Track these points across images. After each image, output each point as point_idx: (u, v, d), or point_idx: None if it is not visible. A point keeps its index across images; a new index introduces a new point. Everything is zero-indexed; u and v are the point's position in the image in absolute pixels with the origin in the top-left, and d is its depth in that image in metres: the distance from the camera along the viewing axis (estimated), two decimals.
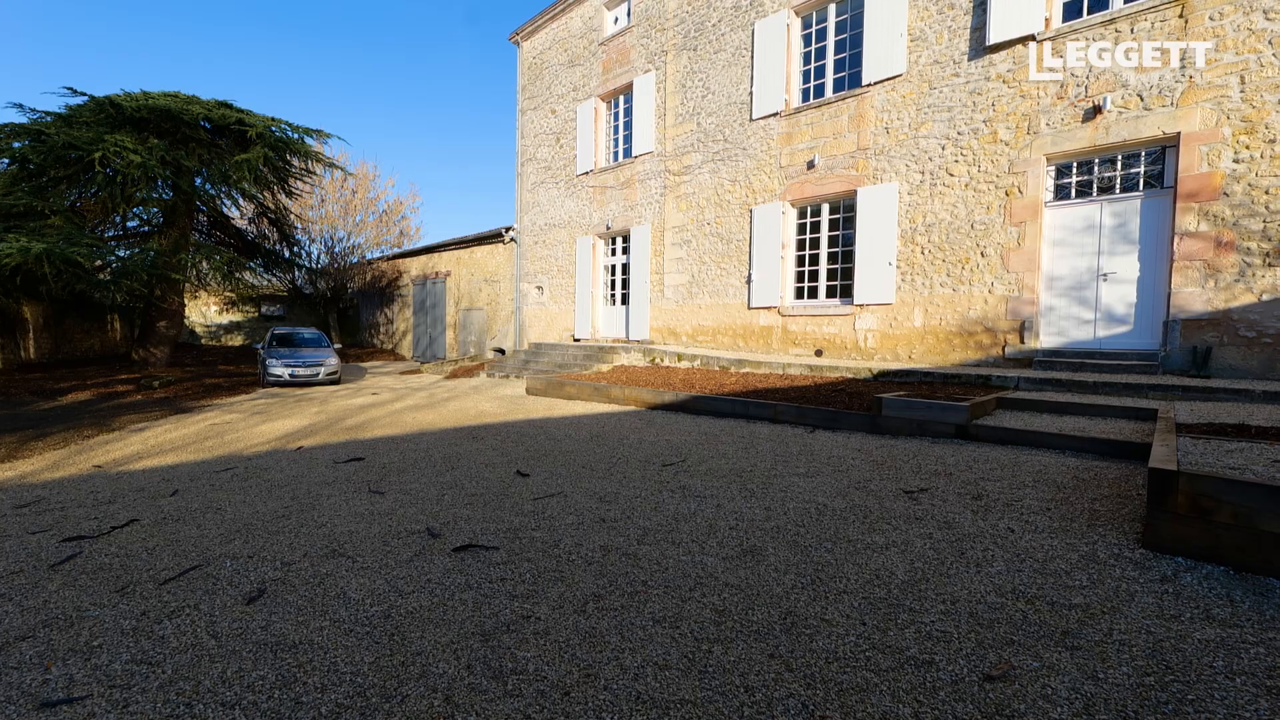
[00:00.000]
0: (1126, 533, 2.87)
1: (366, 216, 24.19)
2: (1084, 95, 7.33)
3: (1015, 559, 2.63)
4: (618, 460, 4.82)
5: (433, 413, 7.86)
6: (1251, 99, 6.30)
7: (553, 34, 15.58)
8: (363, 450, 5.49)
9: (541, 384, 9.52)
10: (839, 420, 6.00)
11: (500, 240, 17.27)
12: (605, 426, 6.49)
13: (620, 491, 3.89)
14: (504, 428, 6.56)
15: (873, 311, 9.39)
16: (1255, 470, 2.64)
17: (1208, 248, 6.57)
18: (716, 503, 3.60)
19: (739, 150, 11.19)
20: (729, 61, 11.31)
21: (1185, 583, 2.32)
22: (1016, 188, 7.88)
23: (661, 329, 12.82)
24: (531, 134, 16.33)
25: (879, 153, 9.24)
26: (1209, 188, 6.55)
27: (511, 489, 4.02)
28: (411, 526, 3.27)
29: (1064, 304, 7.73)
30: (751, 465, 4.55)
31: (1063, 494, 3.54)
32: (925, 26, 8.69)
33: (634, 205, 13.35)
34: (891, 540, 2.90)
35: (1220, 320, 6.53)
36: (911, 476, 4.08)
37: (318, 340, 14.38)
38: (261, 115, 13.92)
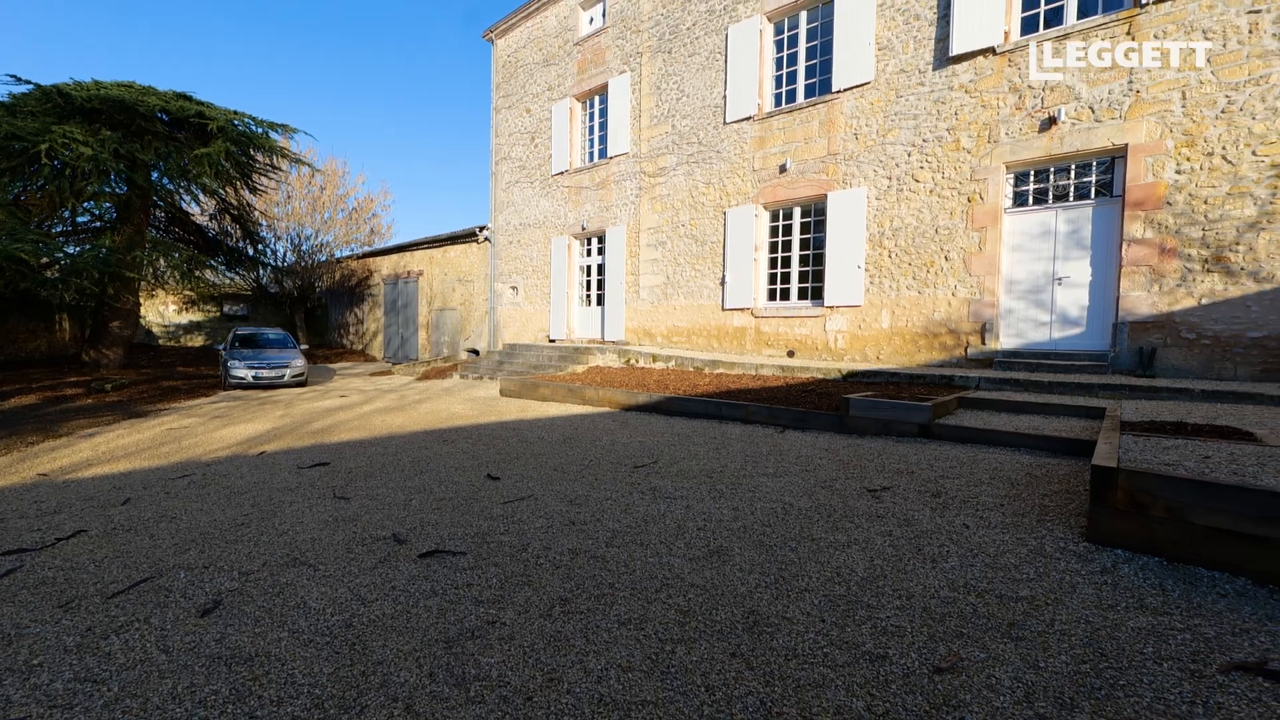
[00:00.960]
0: (1072, 527, 3.00)
1: (335, 214, 23.67)
2: (1040, 106, 7.61)
3: (969, 554, 2.73)
4: (590, 462, 4.83)
5: (403, 415, 7.75)
6: (1192, 114, 6.63)
7: (527, 32, 15.49)
8: (328, 455, 5.39)
9: (515, 385, 9.47)
10: (808, 420, 6.11)
11: (474, 239, 17.08)
12: (578, 428, 6.49)
13: (591, 494, 3.90)
14: (476, 430, 6.51)
15: (842, 313, 9.58)
16: (1187, 466, 2.79)
17: (1153, 254, 6.89)
18: (686, 504, 3.65)
19: (713, 153, 11.29)
20: (703, 65, 11.41)
21: (1123, 574, 2.45)
22: (978, 194, 8.14)
23: (637, 330, 12.85)
24: (506, 133, 16.20)
25: (848, 158, 9.43)
26: (1154, 197, 6.87)
27: (481, 493, 4.00)
28: (377, 533, 3.23)
29: (1022, 306, 8.01)
30: (722, 466, 4.61)
31: (1016, 490, 3.69)
32: (892, 36, 8.90)
33: (609, 206, 13.36)
34: (853, 538, 2.98)
35: (1164, 323, 6.85)
36: (875, 475, 4.19)
37: (283, 341, 14.02)
38: (223, 108, 13.50)
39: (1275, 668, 1.78)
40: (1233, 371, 6.51)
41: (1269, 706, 1.61)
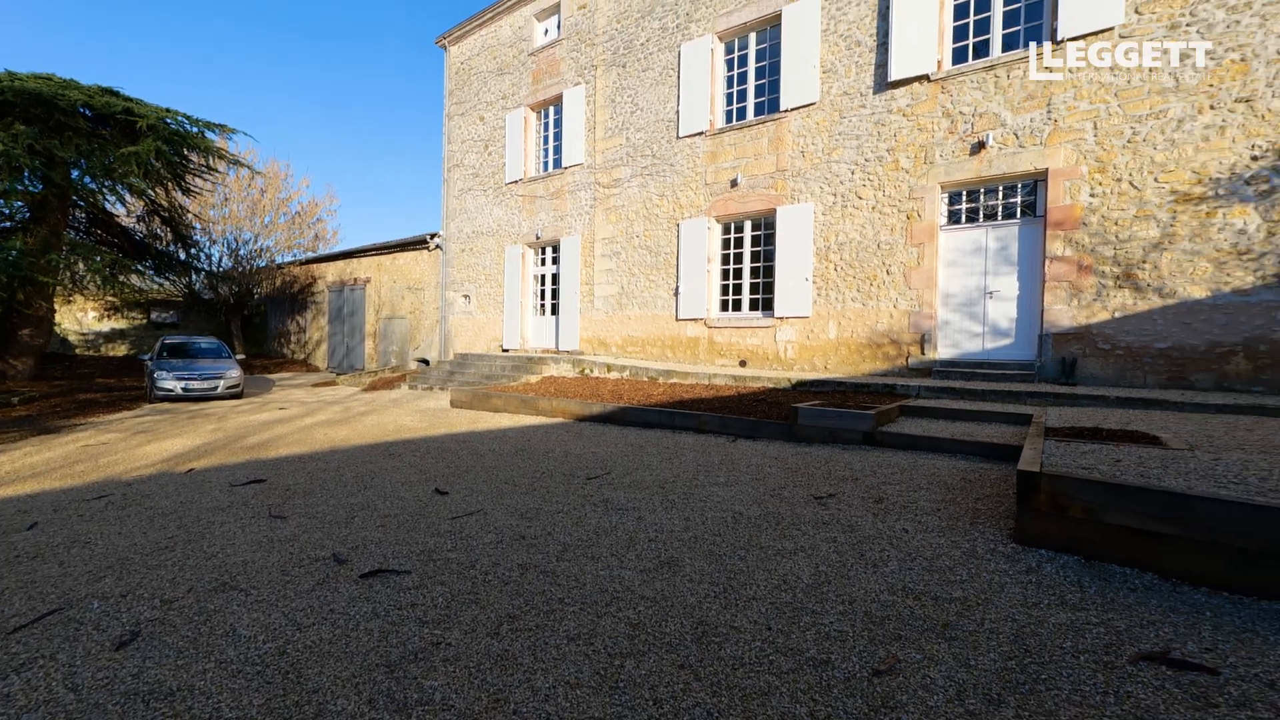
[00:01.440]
0: (1002, 529, 3.18)
1: (277, 218, 22.69)
2: (971, 131, 8.09)
3: (908, 558, 2.84)
4: (542, 474, 4.78)
5: (347, 428, 7.45)
6: (1103, 142, 7.20)
7: (481, 41, 15.36)
8: (265, 471, 5.12)
9: (467, 396, 9.27)
10: (759, 429, 6.24)
11: (425, 247, 16.70)
12: (531, 440, 6.41)
13: (542, 507, 3.86)
14: (424, 443, 6.33)
15: (792, 324, 9.86)
16: (1101, 469, 3.00)
17: (1072, 270, 7.42)
18: (638, 515, 3.65)
19: (667, 166, 11.46)
20: (657, 80, 11.59)
21: (1046, 572, 2.60)
22: (916, 212, 8.57)
23: (592, 339, 12.83)
24: (459, 140, 15.97)
25: (796, 174, 9.76)
26: (1071, 218, 7.41)
27: (428, 508, 3.89)
28: (315, 553, 3.09)
29: (957, 318, 8.45)
30: (675, 476, 4.65)
31: (951, 495, 3.87)
32: (836, 60, 9.30)
33: (564, 215, 13.33)
34: (800, 545, 3.06)
35: (1083, 334, 7.37)
36: (822, 482, 4.32)
37: (217, 350, 13.28)
38: (155, 106, 12.77)
39: (1177, 656, 1.93)
40: (1143, 380, 7.05)
41: (1171, 693, 1.74)
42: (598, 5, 12.61)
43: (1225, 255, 6.61)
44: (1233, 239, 6.57)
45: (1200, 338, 6.74)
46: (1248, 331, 6.50)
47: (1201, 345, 6.73)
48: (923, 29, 8.40)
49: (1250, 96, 6.47)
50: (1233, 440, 4.05)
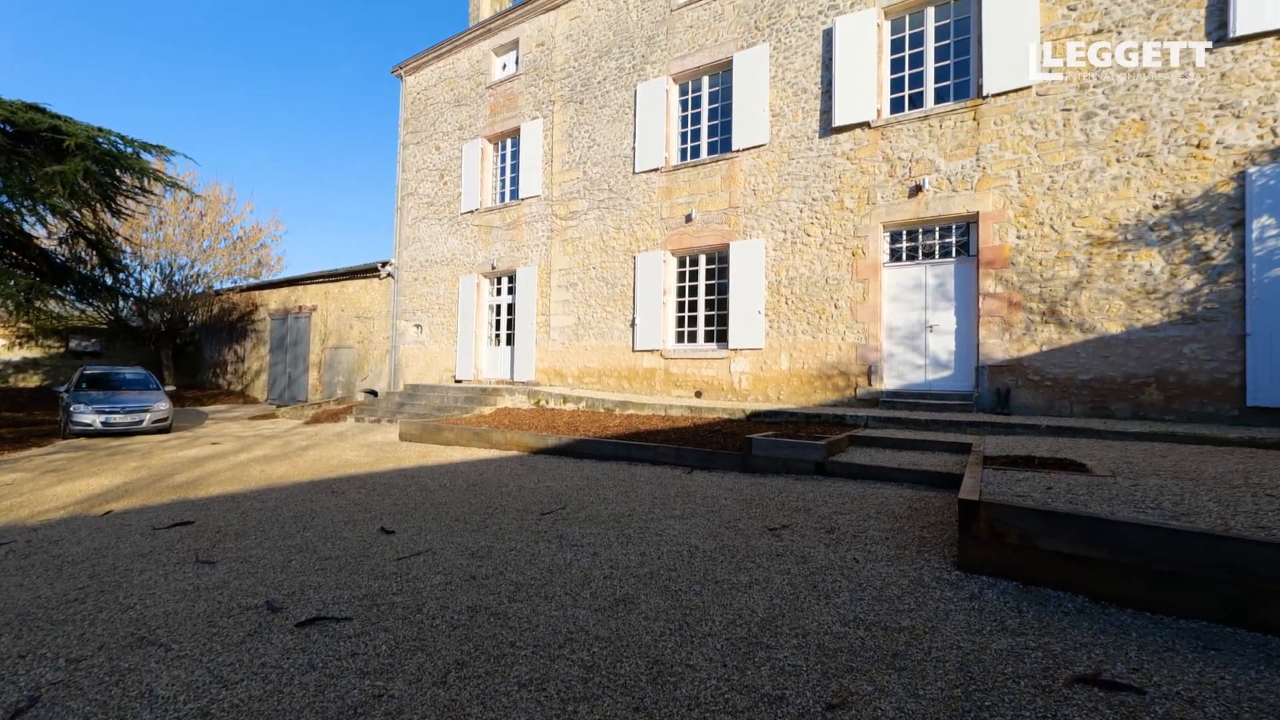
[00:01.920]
0: (946, 556, 3.29)
1: (216, 242, 21.72)
2: (909, 175, 8.63)
3: (858, 588, 2.89)
4: (494, 510, 4.65)
5: (286, 464, 7.08)
6: (1026, 189, 7.81)
7: (438, 72, 15.43)
8: (193, 512, 4.79)
9: (417, 429, 8.98)
10: (714, 460, 6.29)
11: (376, 275, 16.32)
12: (484, 474, 6.24)
13: (494, 545, 3.75)
14: (370, 479, 6.07)
15: (746, 355, 10.07)
16: (1034, 497, 3.17)
17: (1003, 306, 7.92)
18: (593, 551, 3.59)
19: (623, 200, 11.68)
20: (613, 117, 11.89)
21: (987, 599, 2.70)
22: (860, 249, 9.00)
23: (548, 370, 12.72)
24: (414, 168, 15.84)
25: (748, 211, 10.12)
26: (1001, 258, 7.94)
27: (373, 549, 3.71)
28: (247, 601, 2.89)
29: (901, 351, 8.84)
30: (630, 510, 4.61)
31: (899, 524, 3.98)
32: (784, 105, 9.80)
33: (520, 246, 13.33)
34: (755, 578, 3.07)
35: (1015, 366, 7.83)
36: (776, 513, 4.37)
37: (143, 381, 12.47)
38: (85, 124, 12.15)
39: (1107, 677, 2.03)
40: (1069, 409, 7.52)
41: (1103, 714, 1.82)
42: (556, 43, 12.93)
43: (1136, 294, 7.21)
44: (1141, 279, 7.18)
45: (1118, 370, 7.27)
46: (1158, 364, 7.05)
47: (1119, 377, 7.26)
48: (863, 80, 8.98)
49: (1150, 152, 7.17)
50: (1149, 466, 4.35)
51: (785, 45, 9.84)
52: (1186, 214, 6.96)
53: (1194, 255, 6.91)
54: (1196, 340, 6.87)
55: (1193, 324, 6.89)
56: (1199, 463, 4.52)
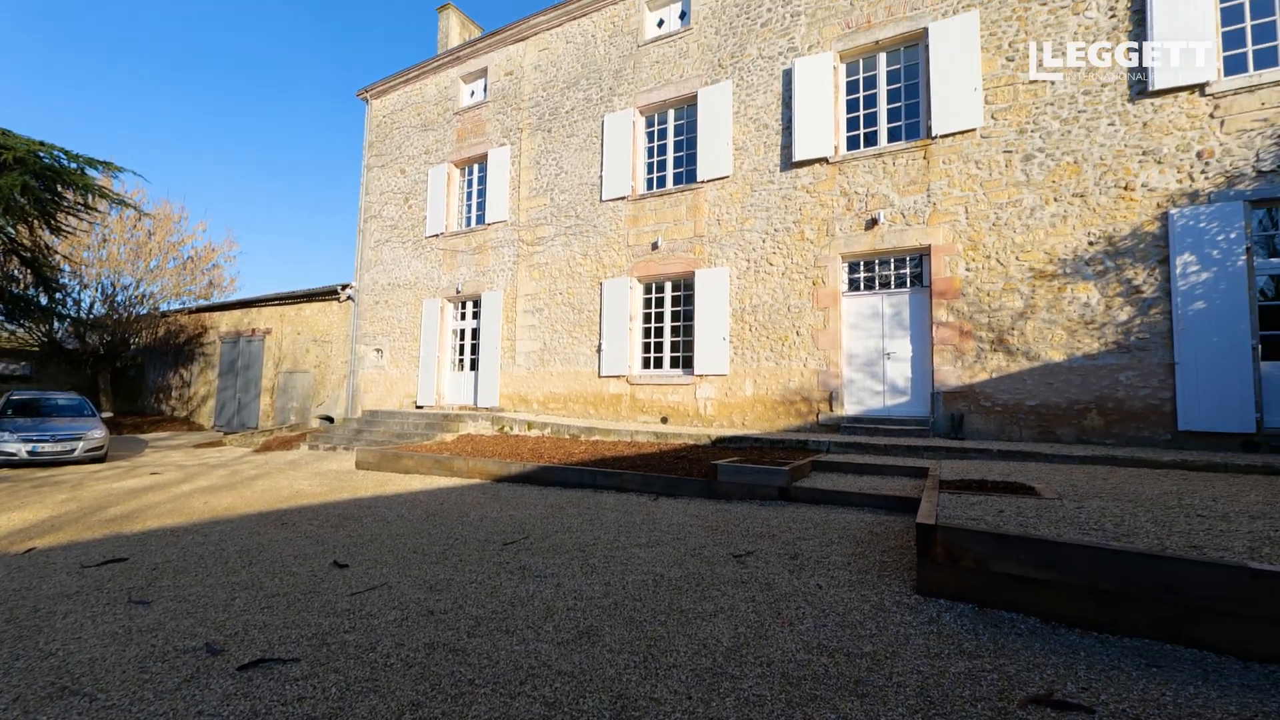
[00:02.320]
0: (905, 580, 3.35)
1: (165, 262, 20.83)
2: (865, 209, 9.00)
3: (822, 614, 2.91)
4: (455, 541, 4.52)
5: (233, 495, 6.73)
6: (973, 224, 8.24)
7: (405, 96, 15.42)
8: (127, 548, 4.49)
9: (374, 456, 8.69)
10: (680, 487, 6.28)
11: (335, 298, 15.92)
12: (444, 503, 6.07)
13: (454, 578, 3.63)
14: (323, 510, 5.82)
15: (711, 381, 10.17)
16: (987, 520, 3.27)
17: (955, 335, 8.25)
18: (557, 582, 3.52)
19: (590, 227, 11.79)
20: (581, 146, 12.07)
21: (945, 622, 2.75)
22: (821, 279, 9.28)
23: (512, 396, 12.55)
24: (377, 191, 15.66)
25: (712, 240, 10.35)
26: (952, 289, 8.31)
27: (325, 584, 3.55)
28: (185, 643, 2.71)
29: (861, 377, 9.08)
30: (595, 538, 4.54)
31: (860, 548, 4.04)
32: (747, 140, 10.15)
33: (486, 270, 13.25)
34: (720, 606, 3.06)
35: (968, 393, 8.14)
36: (741, 540, 4.38)
37: (77, 407, 11.75)
38: (26, 138, 11.63)
39: (1059, 698, 2.08)
40: (1019, 434, 7.83)
41: None
42: (524, 73, 13.12)
43: (1076, 325, 7.63)
44: (1080, 311, 7.61)
45: (1062, 396, 7.63)
46: (1098, 391, 7.44)
47: (1063, 403, 7.62)
48: (821, 118, 9.39)
49: (1084, 192, 7.69)
50: (1092, 489, 4.55)
51: (748, 83, 10.24)
52: (1118, 250, 7.45)
53: (1126, 289, 7.39)
54: (1131, 368, 7.29)
55: (1127, 353, 7.32)
56: (1137, 485, 4.76)
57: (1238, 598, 2.35)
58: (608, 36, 12.00)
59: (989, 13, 8.36)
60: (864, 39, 9.24)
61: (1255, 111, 6.90)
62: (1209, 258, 6.96)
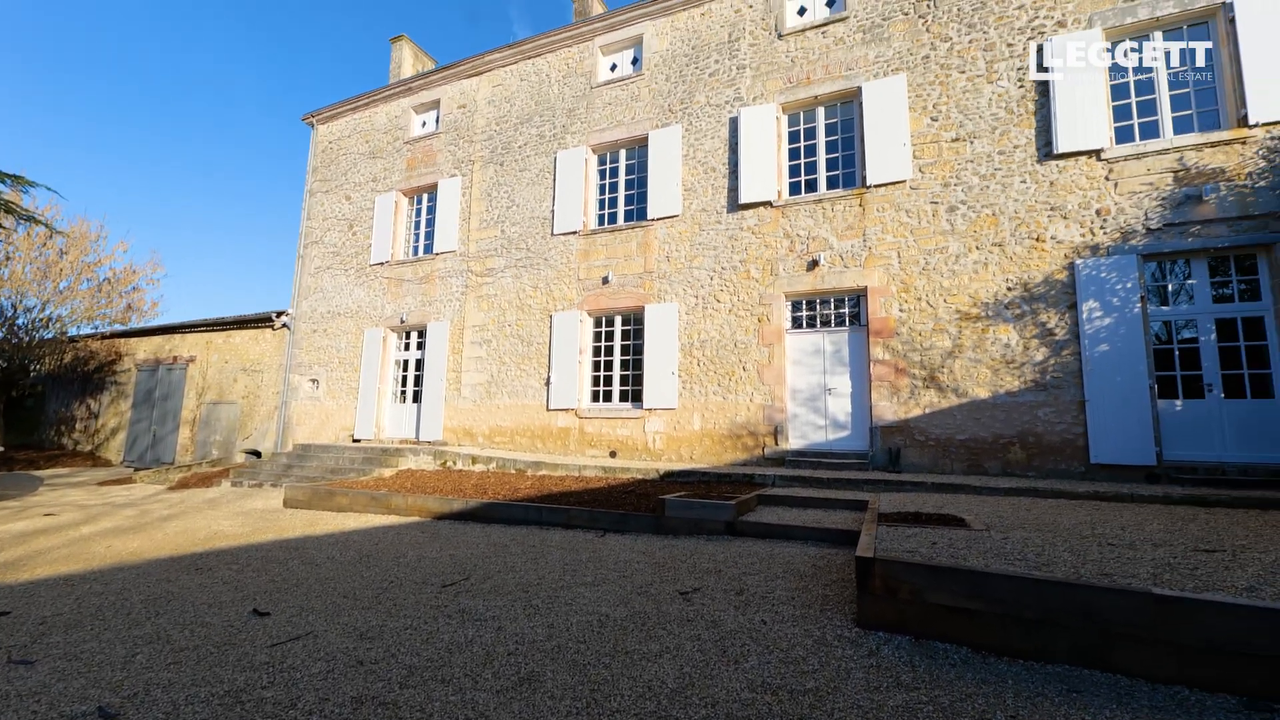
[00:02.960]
0: (847, 614, 3.40)
1: (78, 284, 19.29)
2: (807, 251, 9.44)
3: (766, 651, 2.92)
4: (390, 584, 4.28)
5: (141, 538, 6.17)
6: (905, 268, 8.78)
7: (354, 123, 15.20)
8: (10, 600, 4.02)
9: (305, 494, 8.19)
10: (628, 522, 6.21)
11: (269, 325, 15.16)
12: (380, 543, 5.76)
13: (387, 624, 3.43)
14: (245, 552, 5.41)
15: (660, 415, 10.22)
16: (921, 552, 3.39)
17: (890, 372, 8.66)
18: (498, 625, 3.38)
19: (541, 260, 11.81)
20: (533, 180, 12.18)
21: (884, 654, 2.81)
22: (766, 316, 9.60)
23: (457, 429, 12.19)
24: (320, 216, 15.21)
25: (662, 276, 10.56)
26: (887, 328, 8.76)
27: (242, 635, 3.28)
28: (73, 707, 2.43)
29: (804, 412, 9.35)
30: (540, 578, 4.41)
31: (804, 583, 4.10)
32: (695, 181, 10.52)
33: (433, 301, 12.99)
34: (665, 646, 3.01)
35: (904, 427, 8.51)
36: (687, 576, 4.35)
37: None
38: None
39: None
40: (951, 466, 8.22)
41: None
42: (478, 107, 13.22)
43: (998, 364, 8.16)
44: (1002, 351, 8.16)
45: (988, 431, 8.09)
46: (1019, 426, 7.94)
47: (989, 437, 8.08)
48: (765, 164, 9.88)
49: (1002, 242, 8.34)
50: (1016, 520, 4.81)
51: (696, 128, 10.68)
52: (1033, 296, 8.09)
53: (1041, 331, 8.00)
54: (1048, 405, 7.83)
55: (1044, 390, 7.88)
56: (1056, 515, 5.07)
57: (1144, 623, 2.52)
58: (562, 77, 12.30)
59: (915, 76, 9.11)
60: (804, 93, 9.86)
61: (1143, 176, 7.74)
62: (1110, 304, 7.65)
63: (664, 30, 11.35)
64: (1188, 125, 7.82)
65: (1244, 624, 2.36)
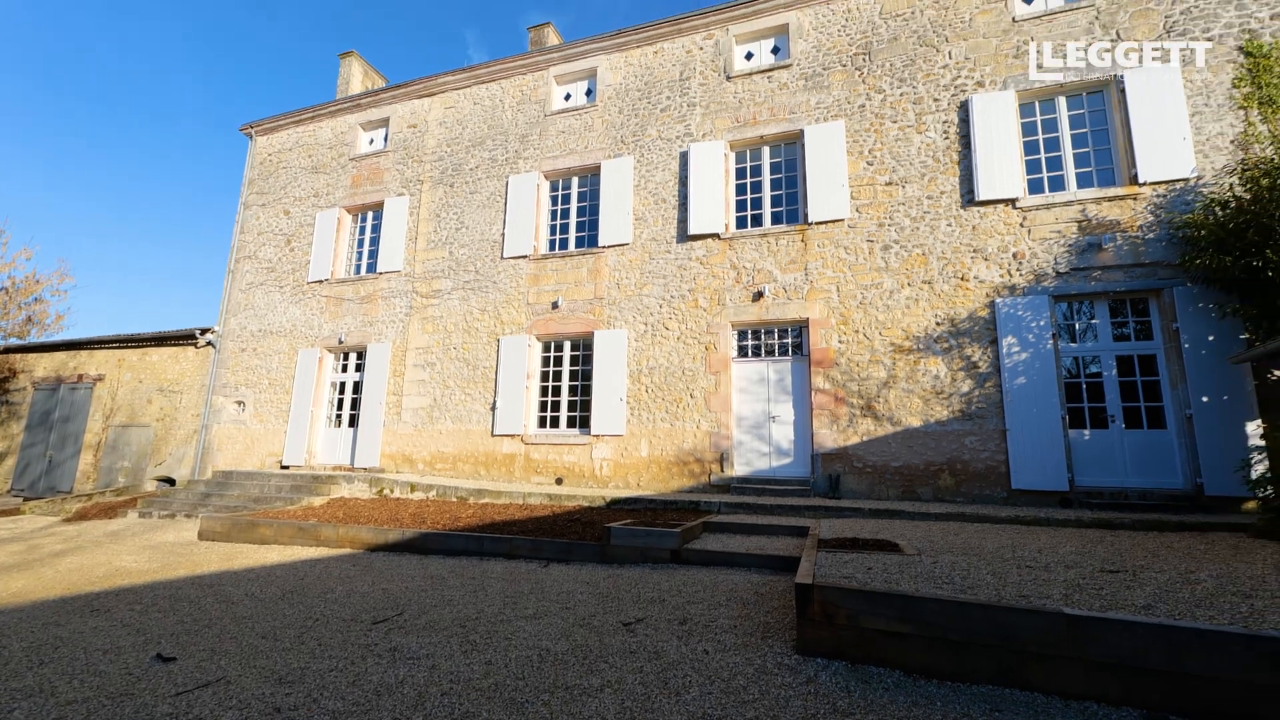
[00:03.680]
0: (787, 640, 3.45)
1: None
2: (752, 282, 9.76)
3: (708, 682, 2.91)
4: (315, 622, 4.02)
5: (26, 576, 5.56)
6: (844, 302, 9.20)
7: (296, 136, 14.72)
8: None
9: (223, 525, 7.62)
10: (572, 552, 6.10)
11: (192, 343, 14.20)
12: (306, 577, 5.42)
13: (310, 666, 3.21)
14: (151, 591, 4.97)
15: (607, 442, 10.16)
16: (857, 578, 3.50)
17: (831, 400, 8.99)
18: (432, 663, 3.23)
19: (489, 283, 11.67)
20: (484, 203, 12.10)
21: (821, 681, 2.86)
22: (713, 344, 9.80)
23: (395, 455, 11.70)
24: (255, 231, 14.52)
25: (612, 303, 10.63)
26: (828, 358, 9.12)
27: (142, 684, 2.99)
28: None
29: (749, 439, 9.53)
30: (478, 611, 4.25)
31: (747, 610, 4.13)
32: (647, 211, 10.74)
33: (374, 321, 12.55)
34: (607, 680, 2.95)
35: (843, 455, 8.80)
36: (631, 606, 4.30)
37: None
38: None
39: None
40: (886, 492, 8.54)
41: None
42: (429, 127, 13.10)
43: (929, 394, 8.61)
44: (932, 382, 8.63)
45: (920, 458, 8.48)
46: (949, 454, 8.37)
47: (921, 464, 8.46)
48: (713, 197, 10.21)
49: (931, 280, 8.89)
50: (945, 544, 5.04)
51: (648, 160, 10.95)
52: (959, 331, 8.63)
53: (967, 364, 8.52)
54: (974, 434, 8.31)
55: (970, 420, 8.36)
56: (980, 539, 5.34)
57: (1057, 642, 2.68)
58: (516, 103, 12.39)
59: (852, 123, 9.72)
60: (751, 133, 10.32)
61: (1052, 224, 8.48)
62: (1027, 340, 8.25)
63: (618, 64, 11.66)
64: (1089, 180, 8.66)
65: (1141, 641, 2.54)
